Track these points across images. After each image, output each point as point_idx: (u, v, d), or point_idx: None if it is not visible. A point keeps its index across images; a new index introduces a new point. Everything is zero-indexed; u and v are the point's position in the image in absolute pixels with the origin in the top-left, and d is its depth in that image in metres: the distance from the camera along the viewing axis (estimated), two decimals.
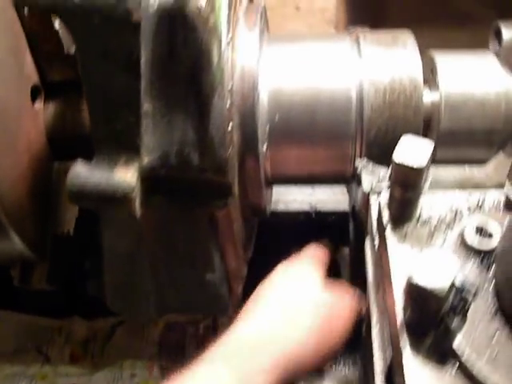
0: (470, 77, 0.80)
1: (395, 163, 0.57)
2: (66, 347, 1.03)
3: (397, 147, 0.57)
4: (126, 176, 0.66)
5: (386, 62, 0.77)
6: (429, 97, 0.80)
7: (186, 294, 0.83)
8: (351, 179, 0.82)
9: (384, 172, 0.73)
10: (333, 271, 0.83)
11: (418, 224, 0.61)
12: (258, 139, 0.74)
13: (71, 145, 0.85)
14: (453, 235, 0.57)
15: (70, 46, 0.81)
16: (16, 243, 0.80)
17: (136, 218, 0.68)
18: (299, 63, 0.78)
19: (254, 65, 0.73)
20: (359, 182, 0.75)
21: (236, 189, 0.75)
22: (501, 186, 0.76)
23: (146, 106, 0.64)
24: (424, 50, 0.85)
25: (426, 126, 0.81)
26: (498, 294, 0.50)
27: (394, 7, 1.56)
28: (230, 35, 0.70)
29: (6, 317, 1.03)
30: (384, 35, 0.81)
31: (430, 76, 0.82)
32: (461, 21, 1.52)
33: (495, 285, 0.51)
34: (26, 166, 0.81)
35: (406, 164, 0.56)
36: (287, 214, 1.27)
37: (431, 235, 0.59)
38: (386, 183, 0.69)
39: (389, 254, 0.58)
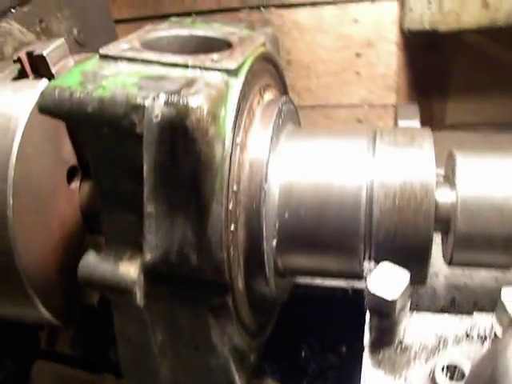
0: (490, 180, 0.77)
1: (369, 292, 0.57)
2: None
3: (371, 275, 0.57)
4: (130, 270, 0.70)
5: (398, 165, 0.77)
6: (447, 197, 0.78)
7: (193, 376, 0.86)
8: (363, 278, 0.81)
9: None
10: None
11: (398, 350, 0.60)
12: (263, 237, 0.76)
13: None
14: (425, 369, 0.56)
15: None
16: (42, 312, 0.87)
17: (140, 308, 0.73)
18: (312, 161, 0.80)
19: (262, 165, 0.76)
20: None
21: (240, 284, 0.78)
22: None
23: (150, 208, 0.69)
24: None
25: (445, 226, 0.79)
26: None
27: (459, 75, 1.53)
28: (239, 137, 0.74)
29: (45, 366, 1.11)
30: (402, 134, 0.81)
31: (451, 176, 0.81)
32: None
33: None
34: (58, 240, 0.88)
35: (378, 295, 0.56)
36: (324, 288, 1.28)
37: (408, 363, 0.59)
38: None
39: (361, 378, 0.57)
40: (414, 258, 0.77)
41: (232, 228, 0.73)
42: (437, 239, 0.83)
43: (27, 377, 1.09)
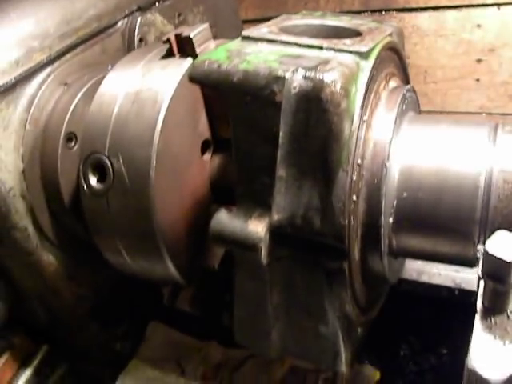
0: None
1: (487, 253, 0.61)
2: (200, 366, 1.19)
3: (490, 238, 0.61)
4: (257, 228, 0.79)
5: None
6: None
7: (302, 342, 0.92)
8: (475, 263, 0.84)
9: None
10: None
11: (511, 317, 0.63)
12: (381, 212, 0.81)
13: (229, 192, 1.02)
14: None
15: None
16: (170, 269, 0.97)
17: (263, 266, 0.81)
18: (433, 145, 0.85)
19: (386, 144, 0.82)
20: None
21: (356, 254, 0.84)
22: None
23: (281, 171, 0.77)
24: None
25: None
26: None
27: None
28: (366, 116, 0.80)
29: (158, 328, 1.22)
30: None
31: None
32: None
33: None
34: (189, 206, 0.99)
35: (497, 256, 0.60)
36: (430, 286, 1.30)
37: None
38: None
39: (471, 342, 0.61)
40: None
41: (354, 198, 0.79)
42: None
43: (142, 335, 1.21)
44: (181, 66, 0.94)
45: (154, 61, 0.99)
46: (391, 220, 0.85)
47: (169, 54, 0.98)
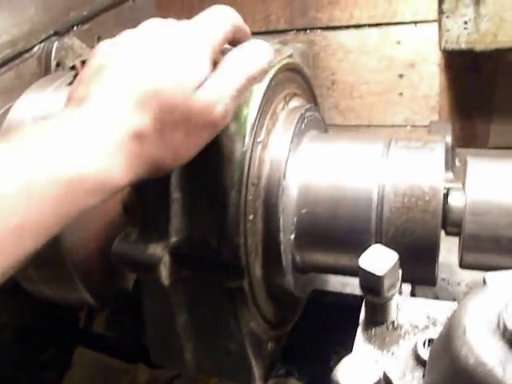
0: (500, 183, 0.83)
1: (360, 268, 0.64)
2: None
3: (363, 254, 0.65)
4: (156, 250, 0.81)
5: (409, 166, 0.84)
6: (458, 200, 0.84)
7: (214, 360, 0.94)
8: None
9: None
10: None
11: (390, 328, 0.67)
12: (279, 230, 0.84)
13: None
14: (409, 344, 0.63)
15: None
16: (83, 293, 0.99)
17: (165, 287, 0.83)
18: (329, 162, 0.88)
19: (281, 163, 0.85)
20: None
21: (258, 271, 0.87)
22: None
23: (176, 194, 0.80)
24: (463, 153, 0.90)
25: (456, 229, 0.85)
26: None
27: (501, 96, 1.57)
28: (261, 137, 0.84)
29: (85, 353, 1.23)
30: (416, 140, 0.88)
31: (463, 180, 0.87)
32: None
33: None
34: (100, 229, 1.00)
35: (369, 270, 0.63)
36: (354, 297, 1.34)
37: (397, 340, 0.65)
38: None
39: (353, 351, 0.65)
40: (423, 256, 0.83)
41: (251, 217, 0.82)
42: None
43: (69, 361, 1.21)
44: None
45: (61, 87, 1.01)
46: (293, 236, 0.88)
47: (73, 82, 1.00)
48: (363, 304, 0.71)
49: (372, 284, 0.64)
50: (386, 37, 1.64)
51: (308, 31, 1.71)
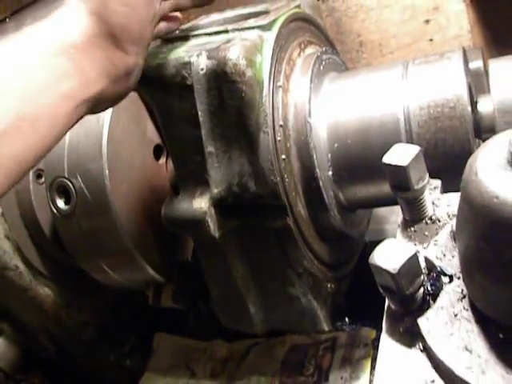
0: None
1: (384, 164, 0.68)
2: (208, 364, 1.26)
3: (387, 153, 0.68)
4: (201, 205, 0.87)
5: (429, 78, 0.87)
6: (484, 105, 0.86)
7: (278, 309, 0.99)
8: None
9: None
10: None
11: (428, 223, 0.70)
12: (315, 166, 0.89)
13: None
14: (447, 229, 0.66)
15: None
16: (147, 270, 1.06)
17: (216, 240, 0.89)
18: (353, 95, 0.93)
19: (305, 103, 0.90)
20: None
21: (302, 210, 0.91)
22: None
23: (209, 148, 0.86)
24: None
25: (490, 134, 0.87)
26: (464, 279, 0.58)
27: None
28: (280, 81, 0.89)
29: (164, 338, 1.30)
30: (434, 54, 0.91)
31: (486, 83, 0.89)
32: None
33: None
34: (153, 210, 1.08)
35: (393, 164, 0.67)
36: None
37: (437, 231, 0.68)
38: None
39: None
40: (457, 163, 0.85)
41: (283, 157, 0.87)
42: None
43: (150, 348, 1.29)
44: None
45: None
46: (330, 173, 0.92)
47: None
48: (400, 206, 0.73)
49: (399, 177, 0.67)
50: None
51: None
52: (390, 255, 0.57)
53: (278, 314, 1.00)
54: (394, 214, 1.21)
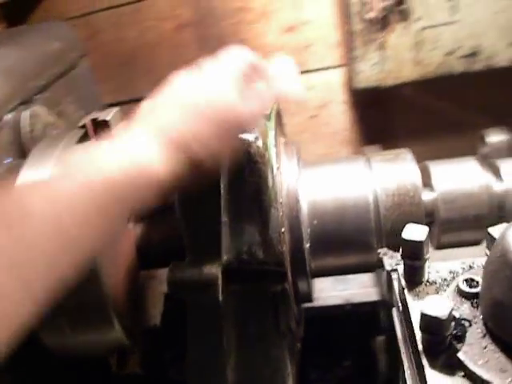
0: (458, 177, 1.12)
1: (404, 240, 0.87)
2: None
3: (404, 230, 0.87)
4: (212, 270, 0.96)
5: (392, 173, 1.10)
6: (428, 196, 1.11)
7: (252, 371, 1.09)
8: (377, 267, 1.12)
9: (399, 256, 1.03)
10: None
11: (427, 285, 0.90)
12: (303, 239, 1.05)
13: (156, 256, 1.17)
14: (451, 288, 0.86)
15: None
16: (118, 332, 1.08)
17: (219, 302, 0.98)
18: (328, 180, 1.12)
19: (295, 184, 1.07)
20: (382, 266, 1.05)
21: (289, 277, 1.05)
22: None
23: (225, 218, 0.97)
24: (422, 161, 1.19)
25: (430, 218, 1.12)
26: (485, 322, 0.78)
27: (400, 125, 1.93)
28: (277, 164, 1.04)
29: None
30: (387, 153, 1.15)
31: (428, 180, 1.14)
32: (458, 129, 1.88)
33: (482, 316, 0.79)
34: (124, 274, 1.12)
35: (412, 239, 0.86)
36: (327, 307, 1.56)
37: (437, 291, 0.88)
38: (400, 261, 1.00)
39: (408, 305, 0.86)
40: None
41: (282, 230, 1.01)
42: None
43: None
44: None
45: (70, 144, 1.13)
46: (308, 245, 1.09)
47: (83, 139, 1.13)
48: (401, 273, 0.92)
49: (415, 250, 0.86)
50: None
51: None
52: (436, 306, 0.75)
53: (252, 374, 1.10)
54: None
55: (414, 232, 0.88)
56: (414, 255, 0.88)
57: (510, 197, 1.10)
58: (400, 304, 0.92)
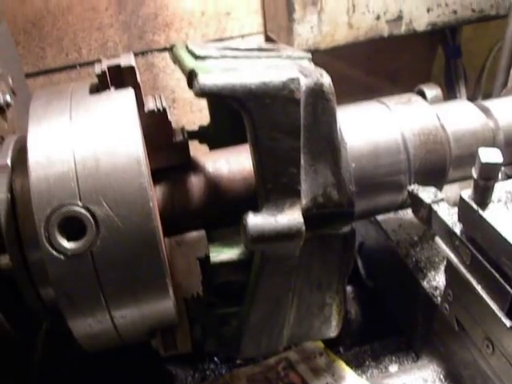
0: (464, 118, 1.22)
1: (482, 163, 0.93)
2: None
3: (480, 153, 0.93)
4: (294, 216, 0.92)
5: (412, 115, 1.16)
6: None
7: (305, 322, 1.07)
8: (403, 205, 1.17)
9: (434, 189, 1.10)
10: None
11: (495, 202, 0.97)
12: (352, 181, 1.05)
13: (179, 221, 1.07)
14: None
15: (178, 134, 1.08)
16: (171, 304, 0.97)
17: (297, 252, 0.94)
18: (357, 124, 1.14)
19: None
20: (415, 201, 1.11)
21: None
22: None
23: (302, 160, 0.93)
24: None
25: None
26: None
27: None
28: None
29: None
30: (399, 97, 1.21)
31: None
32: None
33: None
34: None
35: (490, 162, 0.92)
36: None
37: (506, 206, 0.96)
38: (442, 195, 1.07)
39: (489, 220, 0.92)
40: (437, 175, 1.17)
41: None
42: None
43: None
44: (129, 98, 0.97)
45: (83, 101, 0.97)
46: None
47: (98, 89, 0.99)
48: (467, 196, 0.98)
49: (493, 171, 0.93)
50: None
51: (148, 53, 1.85)
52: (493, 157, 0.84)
53: (303, 327, 1.08)
54: None
55: (490, 155, 0.94)
56: (490, 176, 0.94)
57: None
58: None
